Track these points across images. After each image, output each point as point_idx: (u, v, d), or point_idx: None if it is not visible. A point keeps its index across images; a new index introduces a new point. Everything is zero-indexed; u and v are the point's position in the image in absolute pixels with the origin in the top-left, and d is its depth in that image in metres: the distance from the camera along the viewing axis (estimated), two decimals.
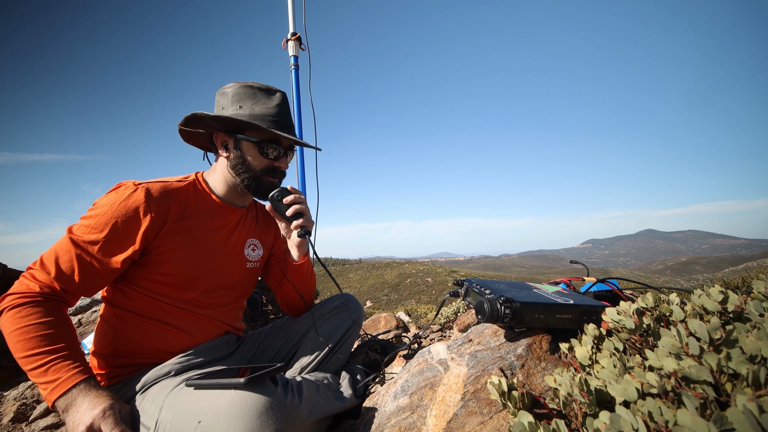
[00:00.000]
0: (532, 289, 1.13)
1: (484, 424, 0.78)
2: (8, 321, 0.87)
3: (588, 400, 0.60)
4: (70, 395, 0.83)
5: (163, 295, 1.07)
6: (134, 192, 1.00)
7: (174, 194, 1.09)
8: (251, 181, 1.15)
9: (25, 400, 1.54)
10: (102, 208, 0.98)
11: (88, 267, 0.95)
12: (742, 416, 0.41)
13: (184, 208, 1.10)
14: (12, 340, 0.86)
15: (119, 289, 1.06)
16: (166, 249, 1.04)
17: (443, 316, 2.58)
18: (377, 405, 1.01)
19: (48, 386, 0.83)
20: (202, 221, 1.14)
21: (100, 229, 0.96)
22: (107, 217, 0.97)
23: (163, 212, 1.04)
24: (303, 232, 1.19)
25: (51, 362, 0.84)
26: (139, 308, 1.05)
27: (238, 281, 1.24)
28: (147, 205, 1.00)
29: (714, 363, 0.52)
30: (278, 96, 1.18)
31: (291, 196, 1.18)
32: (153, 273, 1.04)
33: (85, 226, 0.97)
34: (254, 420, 0.77)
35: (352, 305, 1.40)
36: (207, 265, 1.13)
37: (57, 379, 0.83)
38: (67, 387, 0.83)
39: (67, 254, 0.94)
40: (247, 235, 1.28)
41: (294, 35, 2.62)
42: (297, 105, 2.62)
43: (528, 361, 0.90)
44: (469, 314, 1.53)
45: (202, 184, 1.19)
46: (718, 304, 0.66)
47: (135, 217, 0.99)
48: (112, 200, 0.99)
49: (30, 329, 0.86)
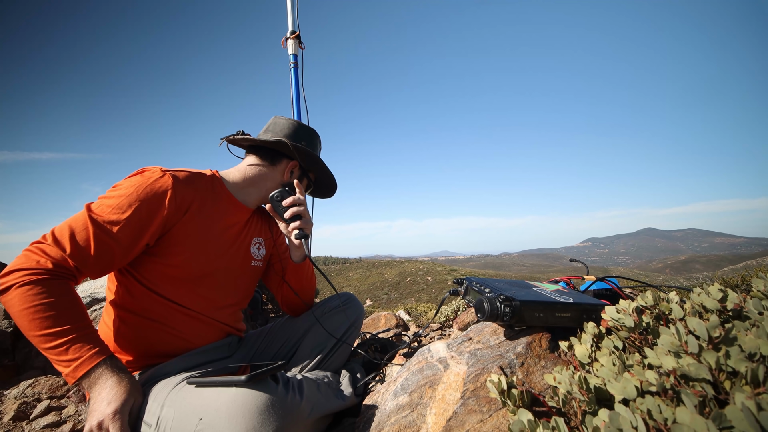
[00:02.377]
0: (532, 288, 1.13)
1: (483, 422, 0.78)
2: (19, 298, 0.83)
3: (587, 398, 0.61)
4: (94, 375, 0.84)
5: (168, 293, 1.05)
6: (161, 177, 1.00)
7: (199, 184, 1.10)
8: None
9: (26, 398, 1.55)
10: (127, 189, 0.96)
11: (105, 247, 0.92)
12: (740, 414, 0.42)
13: (205, 200, 1.10)
14: (25, 318, 0.83)
15: (124, 285, 1.04)
16: (182, 240, 1.04)
17: (443, 314, 2.58)
18: (377, 403, 1.02)
19: (71, 364, 0.83)
20: (219, 216, 1.14)
21: (123, 210, 0.93)
22: (132, 199, 0.95)
23: (187, 201, 1.04)
24: (300, 235, 1.19)
25: (71, 341, 0.84)
26: (142, 309, 1.03)
27: (243, 279, 1.24)
28: (174, 192, 1.00)
29: (713, 361, 0.52)
30: (319, 141, 1.35)
31: (290, 198, 1.19)
32: (163, 264, 1.03)
33: (106, 206, 0.94)
34: (255, 417, 0.78)
35: (352, 304, 1.40)
36: (216, 261, 1.13)
37: (79, 358, 0.84)
38: (90, 366, 0.84)
39: (85, 232, 0.90)
40: (253, 233, 1.28)
41: (293, 33, 2.62)
42: (296, 103, 2.62)
43: (527, 360, 0.90)
44: (468, 313, 1.53)
45: (219, 180, 1.20)
46: (717, 303, 0.66)
47: (159, 203, 0.98)
48: (138, 183, 0.97)
49: (45, 307, 0.84)
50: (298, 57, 2.65)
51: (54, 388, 1.61)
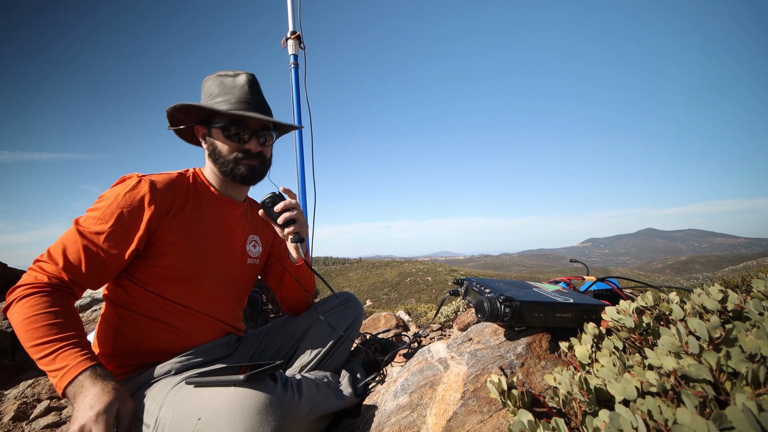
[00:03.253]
0: (532, 288, 1.13)
1: (483, 422, 0.78)
2: (18, 311, 0.88)
3: (588, 399, 0.60)
4: (77, 382, 0.83)
5: (165, 293, 1.06)
6: (138, 183, 1.02)
7: (177, 185, 1.11)
8: (225, 167, 1.15)
9: (26, 398, 1.55)
10: (108, 199, 1.00)
11: (95, 257, 0.96)
12: (741, 415, 0.41)
13: (187, 199, 1.12)
14: (21, 330, 0.86)
15: (121, 285, 1.05)
16: (169, 240, 1.05)
17: (443, 315, 2.58)
18: (377, 403, 1.02)
19: (57, 374, 0.83)
20: (205, 213, 1.15)
21: (106, 220, 0.98)
22: (113, 208, 0.99)
23: (167, 202, 1.06)
24: (296, 239, 1.16)
25: (59, 350, 0.85)
26: (140, 307, 1.05)
27: (239, 277, 1.24)
28: (152, 195, 1.02)
29: (713, 362, 0.52)
30: (243, 77, 1.16)
31: (282, 203, 1.14)
32: (155, 266, 1.04)
33: (92, 218, 0.98)
34: (254, 417, 0.78)
35: (351, 304, 1.40)
36: (209, 259, 1.13)
37: (65, 366, 0.83)
38: (74, 374, 0.83)
39: (74, 245, 0.95)
40: (248, 231, 1.28)
41: (293, 34, 2.62)
42: (297, 103, 2.62)
43: (528, 360, 0.90)
44: (468, 313, 1.53)
45: (201, 177, 1.20)
46: (717, 303, 0.66)
47: (140, 207, 1.01)
48: (118, 192, 1.01)
49: (38, 318, 0.86)
50: (298, 57, 2.66)
51: (54, 388, 1.61)
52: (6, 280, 2.37)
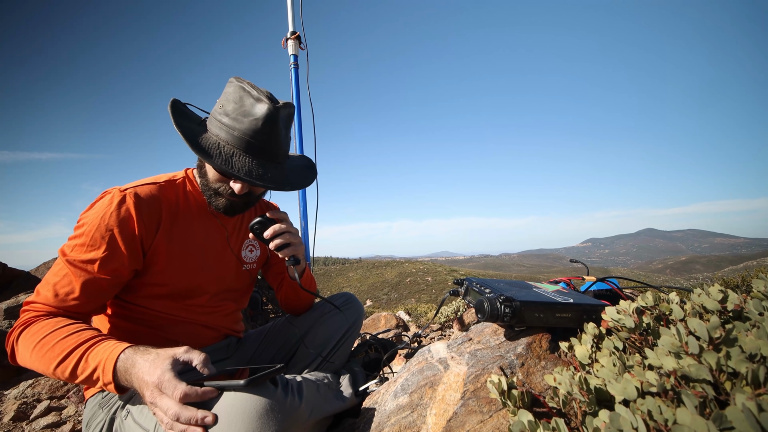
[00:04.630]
0: (532, 288, 1.13)
1: (483, 422, 0.78)
2: (24, 342, 0.83)
3: (588, 399, 0.60)
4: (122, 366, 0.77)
5: (158, 307, 1.04)
6: (122, 200, 0.94)
7: (163, 196, 1.03)
8: (206, 190, 1.06)
9: (26, 398, 1.55)
10: (92, 222, 0.91)
11: (92, 286, 0.90)
12: (741, 415, 0.42)
13: (177, 211, 1.05)
14: (36, 357, 0.81)
15: (118, 297, 1.02)
16: (161, 259, 1.01)
17: (443, 315, 2.58)
18: (377, 404, 1.02)
19: (96, 372, 0.78)
20: (196, 226, 1.09)
21: (97, 245, 0.90)
22: (102, 231, 0.90)
23: (155, 218, 0.99)
24: (292, 261, 1.09)
25: (87, 351, 0.80)
26: (135, 318, 1.03)
27: (236, 286, 1.22)
28: (138, 213, 0.95)
29: (713, 362, 0.52)
30: (263, 109, 0.94)
31: (271, 229, 1.05)
32: (149, 285, 1.01)
33: (79, 246, 0.90)
34: (254, 422, 0.77)
35: (352, 305, 1.40)
36: (204, 274, 1.10)
37: (101, 361, 0.78)
38: (114, 360, 0.77)
39: (65, 278, 0.89)
40: (244, 236, 1.24)
41: (293, 34, 2.62)
42: (297, 103, 2.62)
43: (528, 360, 0.90)
44: (469, 313, 1.53)
45: (193, 183, 1.11)
46: (717, 303, 0.66)
47: (130, 224, 0.94)
48: (102, 211, 0.92)
49: (51, 337, 0.81)
50: (298, 57, 2.66)
51: (54, 388, 1.61)
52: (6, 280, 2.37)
